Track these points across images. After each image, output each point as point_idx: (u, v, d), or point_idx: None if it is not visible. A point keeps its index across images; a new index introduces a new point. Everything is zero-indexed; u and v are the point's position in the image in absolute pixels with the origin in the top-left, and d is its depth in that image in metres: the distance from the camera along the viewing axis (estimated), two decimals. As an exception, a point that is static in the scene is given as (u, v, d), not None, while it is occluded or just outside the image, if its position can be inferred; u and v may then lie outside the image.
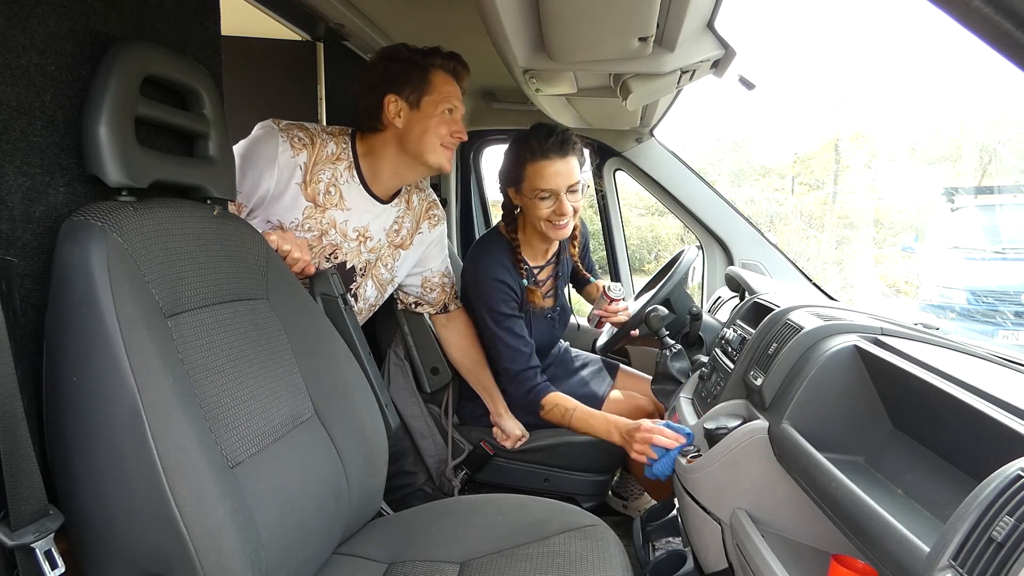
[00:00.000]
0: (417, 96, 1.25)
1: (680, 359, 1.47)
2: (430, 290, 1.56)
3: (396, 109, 1.25)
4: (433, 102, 1.26)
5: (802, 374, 0.89)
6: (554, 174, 1.39)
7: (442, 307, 1.59)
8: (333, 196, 1.27)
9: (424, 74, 1.25)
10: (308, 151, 1.22)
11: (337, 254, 1.32)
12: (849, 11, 14.47)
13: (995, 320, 4.43)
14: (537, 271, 1.61)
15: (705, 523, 1.05)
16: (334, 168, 1.27)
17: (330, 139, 1.28)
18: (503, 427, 1.60)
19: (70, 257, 0.68)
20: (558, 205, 1.41)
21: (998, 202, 5.06)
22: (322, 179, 1.25)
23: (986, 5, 0.42)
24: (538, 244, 1.59)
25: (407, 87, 1.25)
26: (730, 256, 2.12)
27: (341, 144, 1.29)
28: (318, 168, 1.24)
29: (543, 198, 1.42)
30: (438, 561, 0.98)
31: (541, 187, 1.40)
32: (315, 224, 1.26)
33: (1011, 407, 0.64)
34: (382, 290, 1.45)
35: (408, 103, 1.26)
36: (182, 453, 0.68)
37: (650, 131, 2.17)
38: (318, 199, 1.25)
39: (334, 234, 1.29)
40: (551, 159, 1.39)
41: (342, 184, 1.28)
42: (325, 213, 1.27)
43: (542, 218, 1.44)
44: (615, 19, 1.02)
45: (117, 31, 0.80)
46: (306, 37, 1.67)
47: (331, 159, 1.26)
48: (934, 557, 0.52)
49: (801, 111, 9.49)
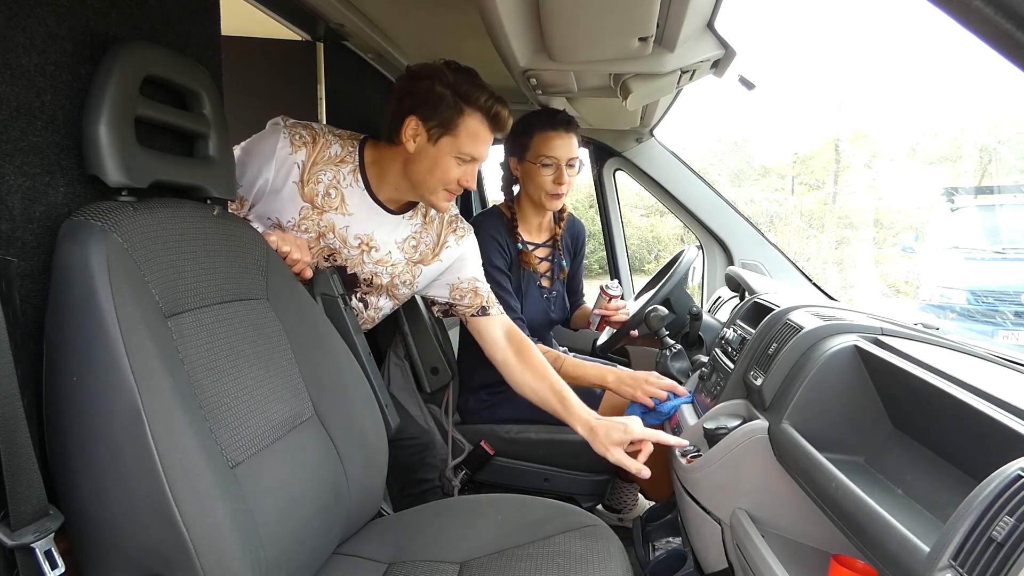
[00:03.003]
0: (440, 132, 1.16)
1: (680, 359, 1.47)
2: (461, 296, 1.41)
3: (413, 133, 1.17)
4: (454, 146, 1.17)
5: (802, 374, 0.89)
6: (559, 145, 1.55)
7: (480, 310, 1.41)
8: (333, 199, 1.23)
9: (457, 115, 1.16)
10: (307, 149, 1.19)
11: (336, 258, 1.28)
12: (849, 11, 14.47)
13: (995, 320, 4.43)
14: (532, 248, 1.69)
15: (705, 523, 1.05)
16: (337, 171, 1.22)
17: (336, 141, 1.23)
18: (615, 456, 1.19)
19: (70, 257, 0.68)
20: (558, 174, 1.56)
21: (998, 202, 5.06)
22: (322, 180, 1.21)
23: (986, 5, 0.42)
24: (533, 218, 1.69)
25: (434, 119, 1.16)
26: (730, 256, 2.12)
27: (348, 147, 1.24)
28: (317, 168, 1.20)
29: (545, 164, 1.56)
30: (438, 561, 0.98)
31: (546, 153, 1.55)
32: (312, 226, 1.22)
33: (1011, 407, 0.64)
34: (398, 302, 1.41)
35: (428, 134, 1.17)
36: (182, 453, 0.68)
37: (650, 131, 2.17)
38: (316, 200, 1.21)
39: (332, 238, 1.25)
40: (558, 131, 1.56)
41: (344, 188, 1.23)
42: (323, 216, 1.22)
43: (542, 186, 1.57)
44: (615, 19, 1.02)
45: (117, 31, 0.80)
46: (306, 37, 1.66)
47: (334, 160, 1.22)
48: (934, 557, 0.52)
49: (801, 111, 9.49)
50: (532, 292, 1.67)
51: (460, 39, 1.57)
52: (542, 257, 1.72)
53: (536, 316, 1.66)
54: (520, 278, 1.65)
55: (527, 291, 1.66)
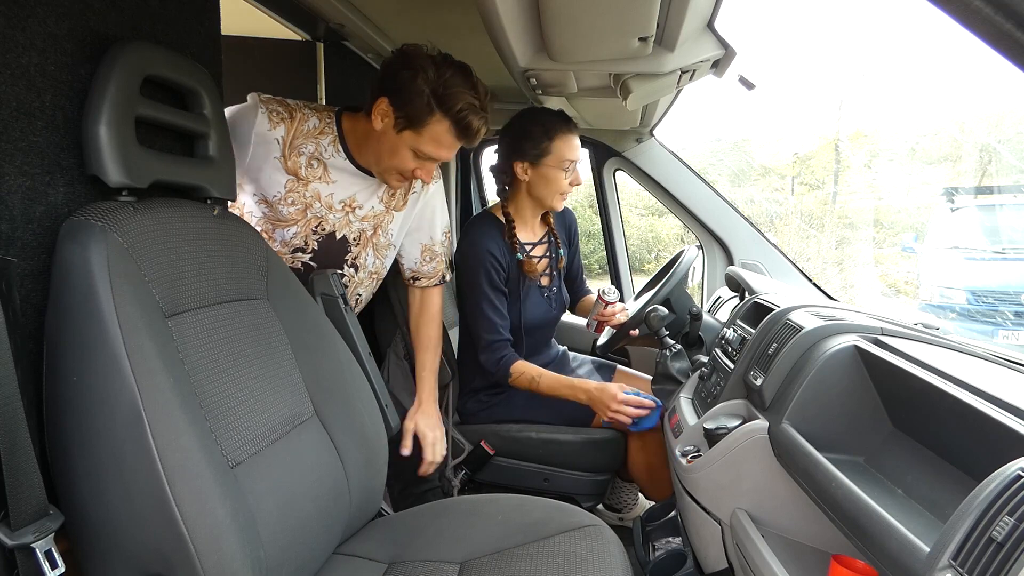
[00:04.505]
0: (405, 124, 1.16)
1: (680, 359, 1.47)
2: (429, 259, 1.49)
3: (382, 114, 1.17)
4: (415, 142, 1.17)
5: (802, 374, 0.89)
6: (575, 147, 1.58)
7: (441, 278, 1.53)
8: (316, 169, 1.25)
9: (427, 115, 1.15)
10: (286, 125, 1.20)
11: (324, 225, 1.30)
12: (849, 11, 14.48)
13: (995, 320, 4.43)
14: (530, 247, 1.68)
15: (705, 523, 1.05)
16: (317, 142, 1.25)
17: (313, 114, 1.25)
18: (418, 424, 1.44)
19: (70, 257, 0.68)
20: (575, 175, 1.60)
21: (998, 202, 5.05)
22: (304, 152, 1.23)
23: (986, 5, 0.42)
24: (531, 219, 1.69)
25: (403, 108, 1.15)
26: (730, 256, 2.12)
27: (325, 119, 1.26)
28: (298, 142, 1.22)
29: (566, 169, 1.58)
30: (438, 561, 0.98)
31: (570, 157, 1.57)
32: (298, 198, 1.25)
33: (1011, 407, 0.64)
34: (382, 256, 1.43)
35: (395, 121, 1.16)
36: (182, 453, 0.68)
37: (650, 131, 2.17)
38: (300, 172, 1.24)
39: (319, 207, 1.28)
40: (573, 132, 1.58)
41: (327, 158, 1.26)
42: (308, 186, 1.25)
43: (558, 188, 1.59)
44: (615, 19, 1.02)
45: (117, 31, 0.80)
46: (306, 37, 1.67)
47: (313, 133, 1.24)
48: (934, 557, 0.52)
49: (801, 111, 9.48)
50: (533, 294, 1.66)
51: (460, 39, 1.57)
52: (540, 256, 1.72)
53: (537, 317, 1.66)
54: (520, 283, 1.63)
55: (527, 294, 1.65)
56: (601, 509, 1.86)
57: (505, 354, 1.57)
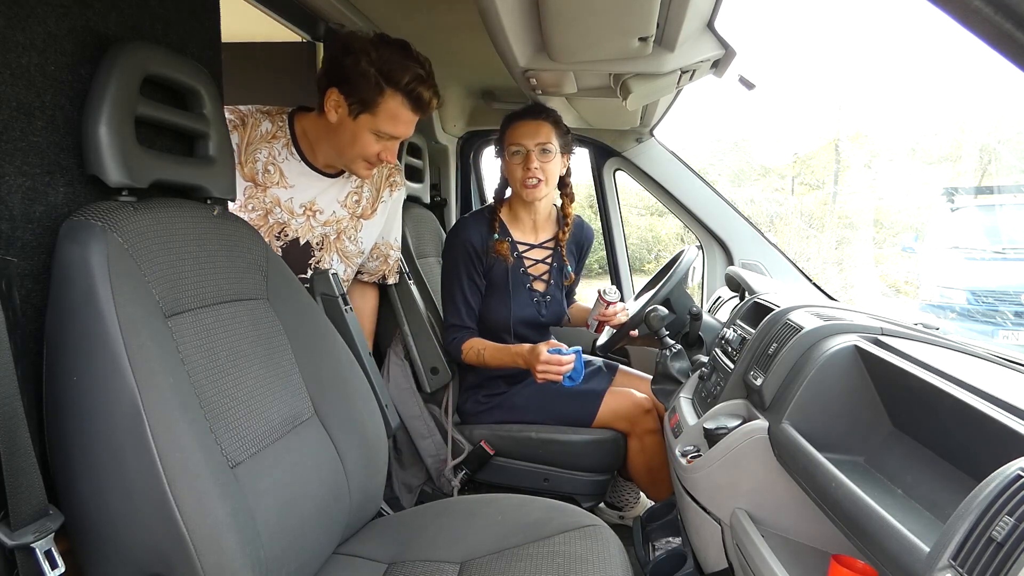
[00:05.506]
0: (359, 109, 1.18)
1: (680, 359, 1.47)
2: (375, 257, 1.53)
3: (335, 105, 1.19)
4: (373, 124, 1.19)
5: (802, 374, 0.89)
6: (524, 132, 1.59)
7: (381, 277, 1.57)
8: (273, 175, 1.26)
9: (378, 95, 1.16)
10: (239, 132, 1.21)
11: (287, 231, 1.31)
12: (849, 11, 14.49)
13: (995, 320, 4.43)
14: (524, 248, 1.69)
15: (705, 523, 1.05)
16: (271, 147, 1.25)
17: (265, 118, 1.25)
18: None
19: (70, 257, 0.68)
20: (526, 160, 1.58)
21: (998, 202, 5.05)
22: (259, 159, 1.24)
23: (986, 5, 0.42)
24: (525, 217, 1.69)
25: (354, 94, 1.17)
26: (730, 256, 2.12)
27: (278, 122, 1.26)
28: (252, 148, 1.23)
29: (514, 152, 1.59)
30: (438, 561, 0.98)
31: (515, 141, 1.59)
32: (258, 204, 1.26)
33: (1011, 407, 0.64)
34: (350, 262, 1.44)
35: (349, 108, 1.18)
36: (182, 453, 0.68)
37: (650, 131, 2.17)
38: (257, 179, 1.24)
39: (280, 212, 1.28)
40: (524, 119, 1.60)
41: (281, 162, 1.27)
42: (267, 192, 1.26)
43: (514, 176, 1.61)
44: (615, 19, 1.02)
45: (117, 31, 0.80)
46: (306, 38, 1.67)
47: (266, 138, 1.25)
48: (934, 557, 0.52)
49: (801, 111, 9.48)
50: (519, 291, 1.67)
51: (460, 39, 1.57)
52: (537, 259, 1.70)
53: (523, 317, 1.67)
54: (508, 278, 1.64)
55: (514, 290, 1.65)
56: (602, 507, 1.86)
57: (458, 335, 1.62)
